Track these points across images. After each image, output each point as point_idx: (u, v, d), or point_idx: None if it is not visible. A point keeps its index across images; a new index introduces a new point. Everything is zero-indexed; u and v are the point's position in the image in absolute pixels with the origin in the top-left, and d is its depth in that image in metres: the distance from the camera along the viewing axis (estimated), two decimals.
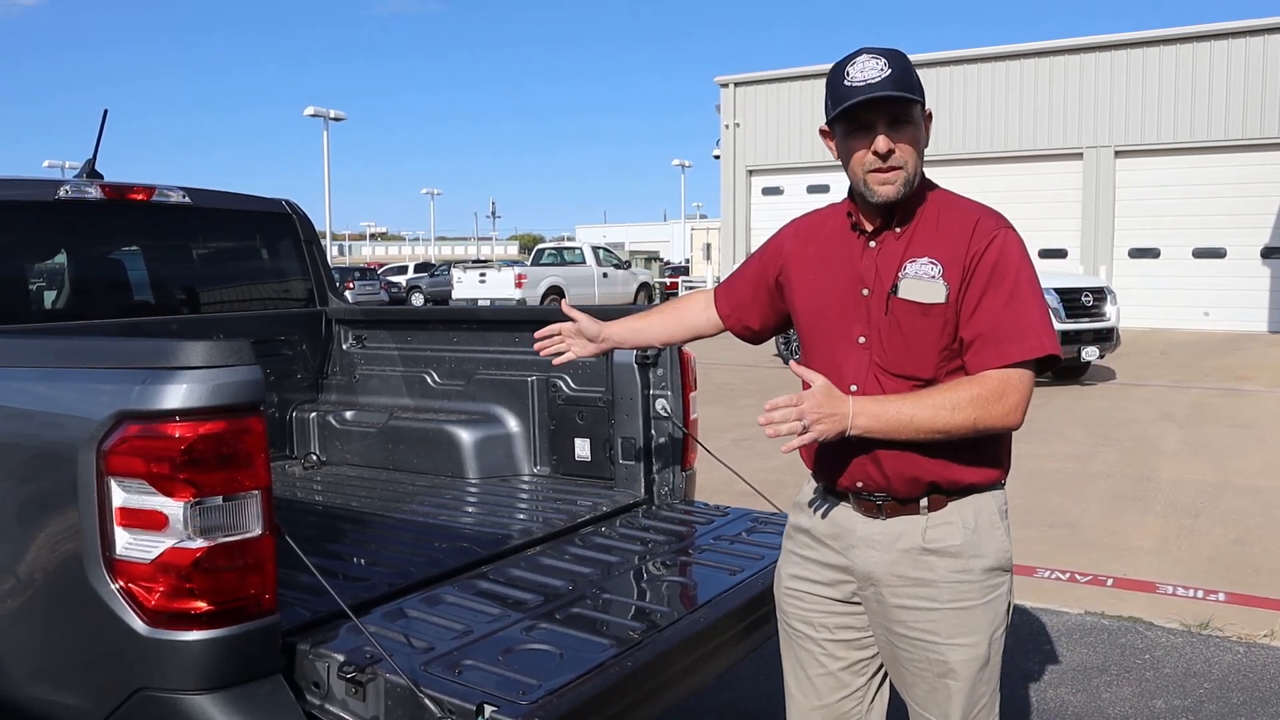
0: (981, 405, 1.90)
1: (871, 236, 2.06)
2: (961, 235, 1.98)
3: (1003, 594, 2.07)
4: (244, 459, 1.98)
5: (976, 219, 2.00)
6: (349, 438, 4.26)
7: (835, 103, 1.97)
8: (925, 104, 2.01)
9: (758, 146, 26.63)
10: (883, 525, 2.05)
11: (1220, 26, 20.93)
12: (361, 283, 32.01)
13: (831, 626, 2.17)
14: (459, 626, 2.26)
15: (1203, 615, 4.50)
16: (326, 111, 34.92)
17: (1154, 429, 9.29)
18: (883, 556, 2.05)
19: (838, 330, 2.07)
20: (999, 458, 2.07)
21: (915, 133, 1.98)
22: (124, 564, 1.95)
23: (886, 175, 1.96)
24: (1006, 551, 2.07)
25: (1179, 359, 15.24)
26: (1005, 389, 1.91)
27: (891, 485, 2.02)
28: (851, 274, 2.07)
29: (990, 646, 2.05)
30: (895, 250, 2.02)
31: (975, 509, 2.04)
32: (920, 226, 2.03)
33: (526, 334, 3.92)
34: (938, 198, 2.07)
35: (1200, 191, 20.92)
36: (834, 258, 2.12)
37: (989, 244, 1.96)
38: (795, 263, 2.21)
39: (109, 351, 2.18)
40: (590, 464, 3.73)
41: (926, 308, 1.97)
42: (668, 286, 33.70)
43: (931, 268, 1.98)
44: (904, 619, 2.05)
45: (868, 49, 1.99)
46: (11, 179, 3.70)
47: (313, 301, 4.51)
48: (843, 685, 2.19)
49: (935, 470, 1.99)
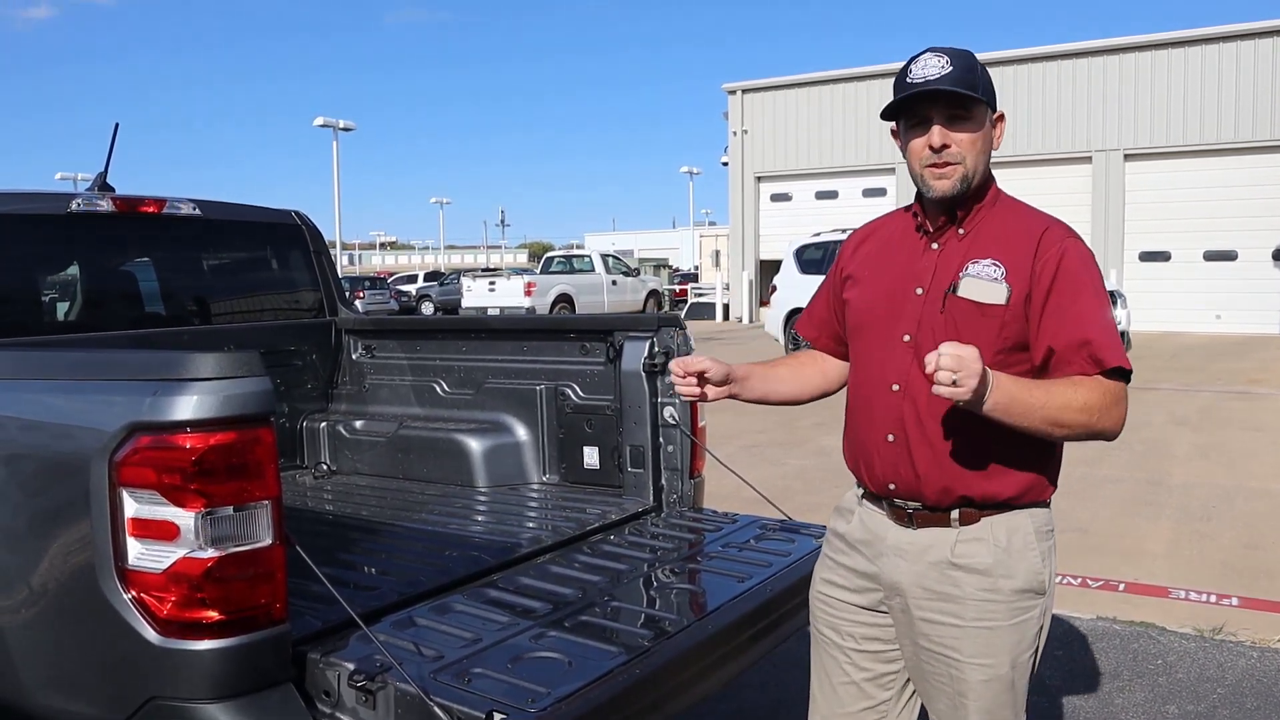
0: (1104, 410, 1.87)
1: (934, 237, 2.05)
2: (1028, 242, 1.96)
3: (1033, 618, 2.01)
4: (254, 469, 2.00)
5: (1045, 226, 1.98)
6: (359, 447, 4.28)
7: (895, 97, 1.99)
8: (994, 106, 1.99)
9: (766, 153, 26.63)
10: (912, 535, 2.03)
11: (1229, 29, 20.88)
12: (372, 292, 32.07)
13: (858, 636, 2.15)
14: (468, 635, 2.27)
15: (1216, 620, 4.48)
16: (336, 122, 35.09)
17: (1165, 433, 9.25)
18: (910, 567, 2.02)
19: (885, 327, 2.06)
20: (1040, 476, 2.01)
21: (975, 130, 1.96)
22: (136, 574, 1.97)
23: (942, 170, 1.96)
24: (1040, 574, 2.00)
25: (1190, 362, 15.18)
26: (1120, 397, 1.89)
27: (923, 491, 2.00)
28: (908, 273, 2.06)
29: (1014, 670, 2.00)
30: (957, 251, 2.01)
31: (1010, 528, 1.99)
32: (985, 229, 2.01)
33: (535, 343, 3.95)
34: (1006, 203, 2.06)
35: (1210, 194, 20.84)
36: (892, 257, 2.11)
37: (1063, 253, 1.94)
38: (854, 263, 2.22)
39: (120, 363, 2.20)
40: (599, 472, 3.73)
41: (985, 308, 1.95)
42: (676, 294, 33.69)
43: (995, 269, 1.96)
44: (927, 633, 2.02)
45: (934, 48, 1.99)
46: (24, 192, 3.74)
47: (322, 312, 4.53)
48: (866, 696, 2.16)
49: (968, 482, 1.96)
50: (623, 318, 3.81)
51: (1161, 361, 15.10)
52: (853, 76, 25.08)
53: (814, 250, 15.18)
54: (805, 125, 25.75)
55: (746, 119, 26.89)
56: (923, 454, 1.98)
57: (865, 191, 24.35)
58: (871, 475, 2.09)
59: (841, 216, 21.08)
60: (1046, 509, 2.07)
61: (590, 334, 3.76)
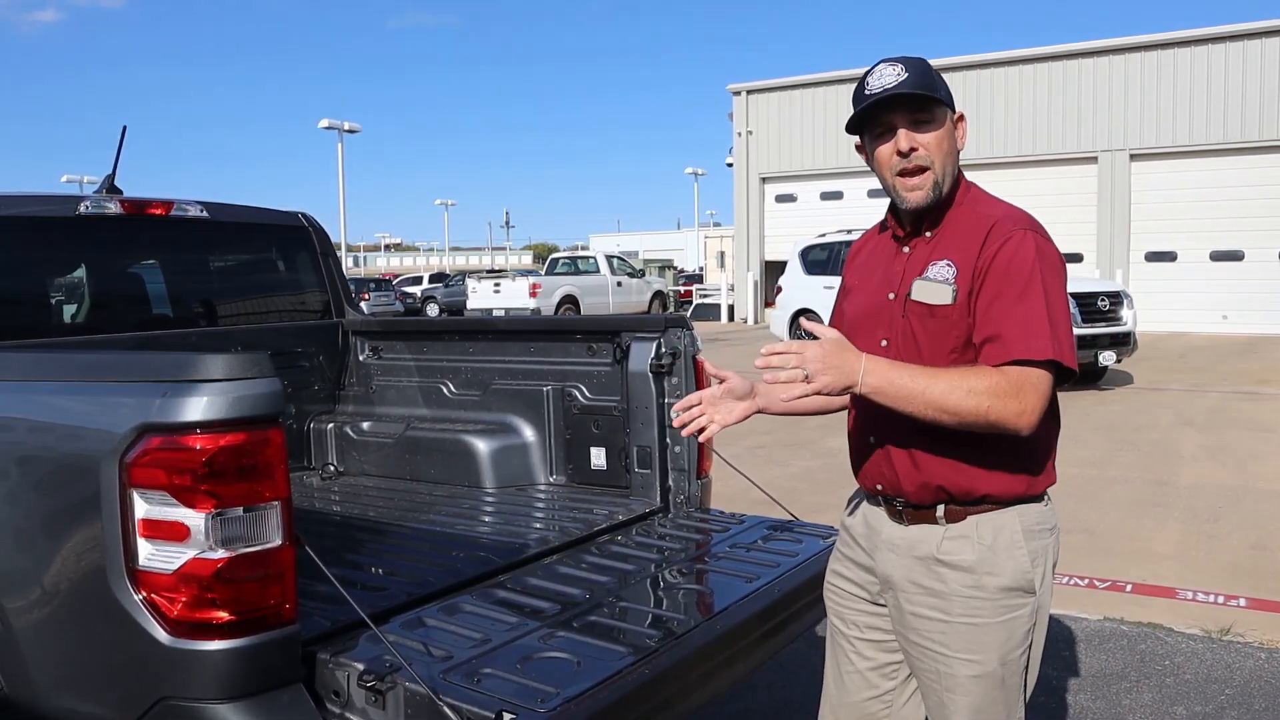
0: (997, 395, 1.83)
1: (905, 242, 2.08)
2: (977, 236, 1.96)
3: (1022, 616, 2.00)
4: (264, 470, 2.00)
5: (995, 220, 1.96)
6: (366, 448, 4.29)
7: (855, 110, 2.01)
8: (953, 107, 2.01)
9: (771, 154, 26.63)
10: (904, 531, 2.07)
11: (1236, 28, 20.84)
12: (377, 293, 32.09)
13: (861, 625, 2.20)
14: (477, 635, 2.27)
15: (1223, 621, 4.47)
16: (341, 124, 35.14)
17: (1172, 434, 9.23)
18: (900, 561, 2.06)
19: (868, 333, 2.09)
20: (1024, 470, 2.00)
21: (939, 133, 1.98)
22: (147, 575, 1.98)
23: (914, 180, 1.98)
24: (1028, 573, 1.99)
25: (1197, 363, 15.15)
26: (1024, 386, 1.84)
27: (903, 489, 2.03)
28: (884, 279, 2.09)
29: (1004, 667, 2.01)
30: (923, 254, 2.03)
31: (996, 527, 2.00)
32: (949, 228, 2.03)
33: (542, 344, 3.95)
34: (971, 199, 2.05)
35: (1217, 194, 20.81)
36: (875, 264, 2.15)
37: (1002, 245, 1.92)
38: (849, 274, 2.26)
39: (130, 365, 2.21)
40: (606, 473, 3.74)
41: (933, 309, 1.97)
42: (681, 295, 33.68)
43: (947, 270, 1.97)
44: (917, 627, 2.05)
45: (887, 59, 2.01)
46: (33, 195, 3.75)
47: (329, 313, 4.54)
48: (870, 686, 2.21)
49: (944, 475, 1.98)
50: (629, 318, 3.81)
51: (1168, 362, 15.07)
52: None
53: (819, 251, 15.15)
54: (810, 126, 25.73)
55: (752, 120, 26.89)
56: (898, 454, 2.03)
57: (870, 192, 24.28)
58: (863, 476, 2.15)
59: (847, 217, 21.08)
60: (1039, 505, 2.06)
61: (597, 335, 3.77)
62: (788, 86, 26.55)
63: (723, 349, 17.66)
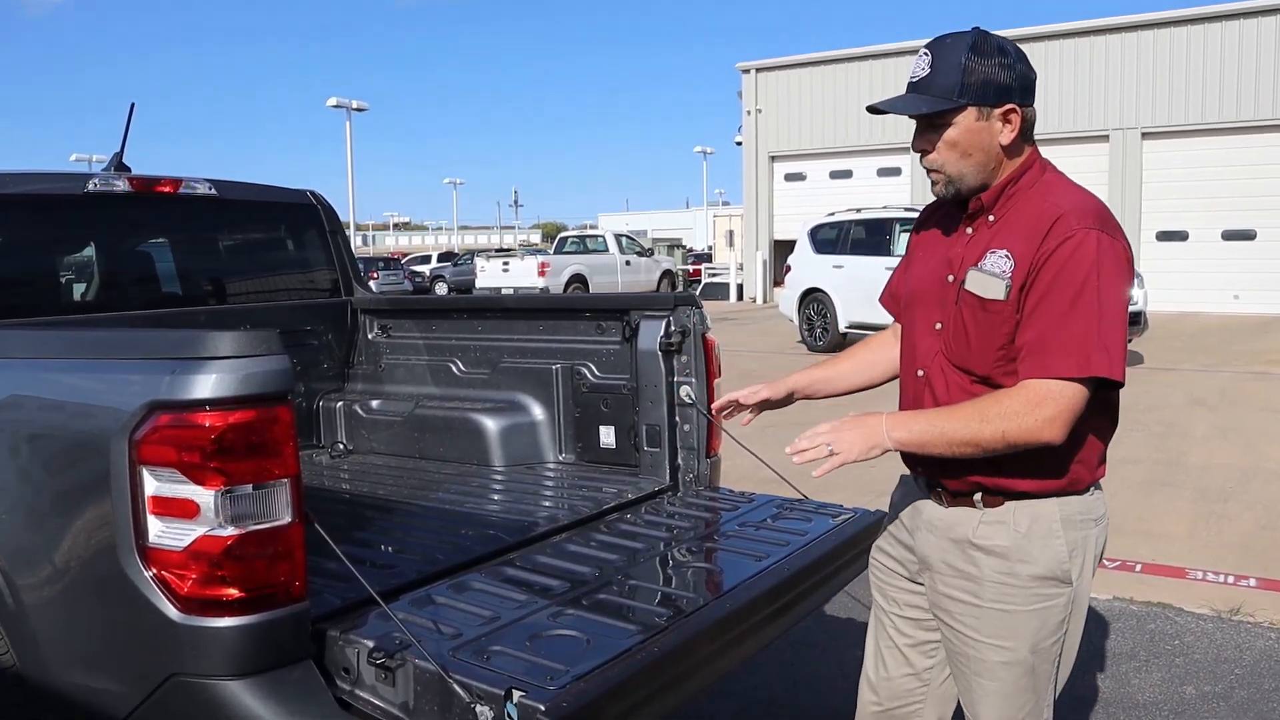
0: (1012, 418, 1.81)
1: (969, 222, 2.02)
2: (1040, 229, 1.87)
3: (1056, 606, 1.99)
4: (273, 448, 2.00)
5: (1060, 214, 1.87)
6: (375, 426, 4.29)
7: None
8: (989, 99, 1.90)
9: (780, 132, 26.48)
10: (943, 513, 2.07)
11: (1248, 5, 20.59)
12: (386, 272, 32.08)
13: (901, 603, 2.23)
14: (486, 613, 2.28)
15: (1233, 601, 4.47)
16: (349, 102, 35.06)
17: (1183, 414, 9.21)
18: (938, 542, 2.07)
19: (924, 312, 2.07)
20: (1064, 468, 1.96)
21: (953, 134, 1.93)
22: (157, 552, 1.98)
23: (933, 174, 1.99)
24: (1064, 564, 1.97)
25: (1208, 343, 15.08)
26: (1043, 400, 1.81)
27: (940, 476, 2.05)
28: (945, 258, 2.05)
29: (1035, 655, 2.00)
30: (983, 239, 1.98)
31: (1032, 515, 1.97)
32: (1015, 215, 1.95)
33: (551, 322, 3.94)
34: (1043, 185, 1.97)
35: (1229, 173, 20.63)
36: (940, 238, 2.10)
37: (1062, 243, 1.83)
38: (915, 241, 2.22)
39: (139, 342, 2.21)
40: (615, 451, 3.73)
41: (985, 303, 1.92)
42: (691, 274, 33.63)
43: (1004, 262, 1.91)
44: (949, 609, 2.06)
45: (934, 42, 1.95)
46: (41, 173, 3.75)
47: (338, 291, 4.53)
48: (907, 663, 2.23)
49: (979, 472, 1.97)
50: (639, 297, 3.80)
51: (1179, 342, 15.01)
52: (868, 55, 24.89)
53: (828, 230, 15.07)
54: (820, 104, 25.58)
55: (761, 98, 26.73)
56: None
57: (880, 171, 24.22)
58: (908, 458, 2.14)
59: (856, 196, 20.96)
60: (1083, 497, 2.01)
61: (606, 313, 3.76)
62: (797, 65, 26.38)
63: (732, 328, 17.64)
